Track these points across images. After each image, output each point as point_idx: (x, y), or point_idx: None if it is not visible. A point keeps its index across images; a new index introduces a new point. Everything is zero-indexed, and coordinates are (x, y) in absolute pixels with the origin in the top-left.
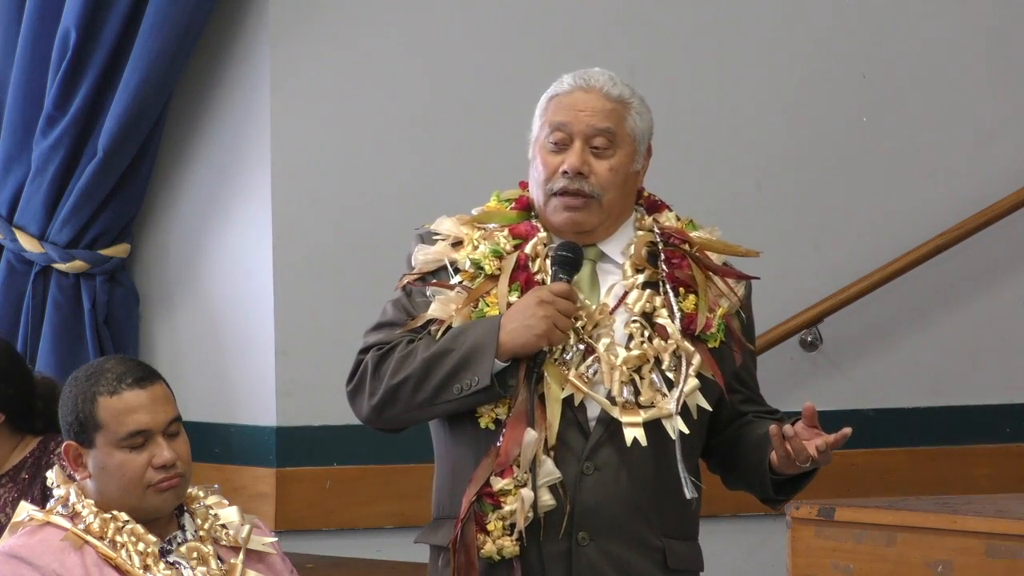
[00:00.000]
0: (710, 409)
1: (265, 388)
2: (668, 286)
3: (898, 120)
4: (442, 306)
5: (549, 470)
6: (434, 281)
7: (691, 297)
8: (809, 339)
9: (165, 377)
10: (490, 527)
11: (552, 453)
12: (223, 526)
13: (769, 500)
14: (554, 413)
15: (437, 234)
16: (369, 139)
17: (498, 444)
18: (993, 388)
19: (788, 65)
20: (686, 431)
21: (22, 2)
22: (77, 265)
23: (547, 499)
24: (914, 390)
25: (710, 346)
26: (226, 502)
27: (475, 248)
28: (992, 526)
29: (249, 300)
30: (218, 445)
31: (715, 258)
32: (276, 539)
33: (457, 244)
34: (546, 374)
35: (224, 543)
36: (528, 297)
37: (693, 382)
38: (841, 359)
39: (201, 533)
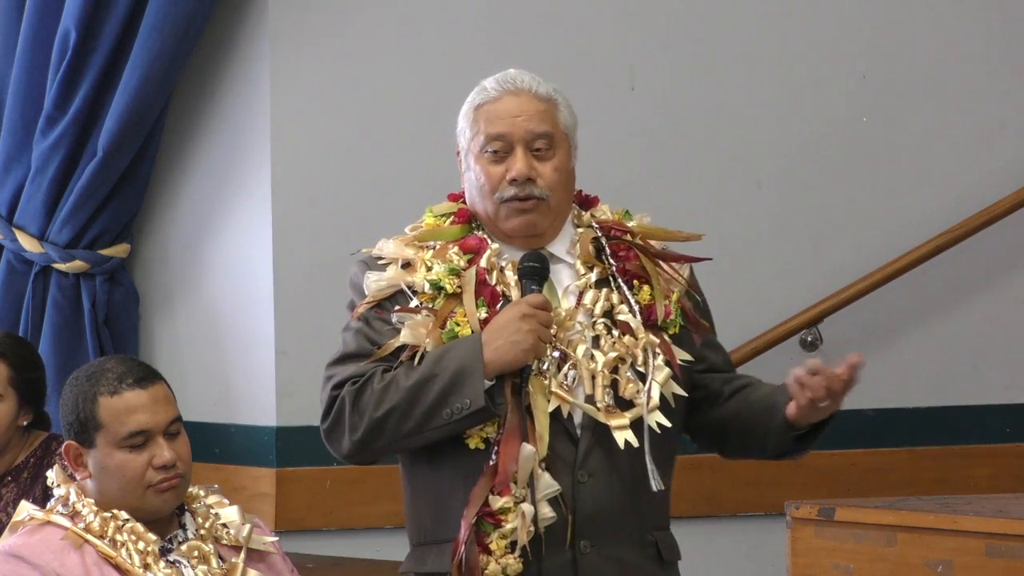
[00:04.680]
0: (685, 395)
1: (265, 388)
2: (620, 280)
3: (898, 120)
4: (412, 331)
5: (547, 483)
6: (397, 308)
7: (645, 288)
8: (809, 339)
9: (165, 377)
10: (492, 546)
11: (543, 465)
12: (224, 525)
13: (786, 454)
14: (543, 425)
15: (381, 258)
16: (369, 139)
17: (491, 463)
18: (993, 388)
19: (789, 65)
20: (668, 424)
21: (22, 2)
22: (77, 265)
23: (547, 512)
24: (914, 390)
25: (670, 332)
26: (227, 501)
27: (429, 269)
28: (992, 526)
29: (249, 300)
30: (218, 445)
31: (656, 244)
32: (277, 539)
33: (406, 266)
34: (530, 387)
35: (225, 542)
36: (508, 312)
37: (665, 372)
38: (841, 359)
39: (202, 532)
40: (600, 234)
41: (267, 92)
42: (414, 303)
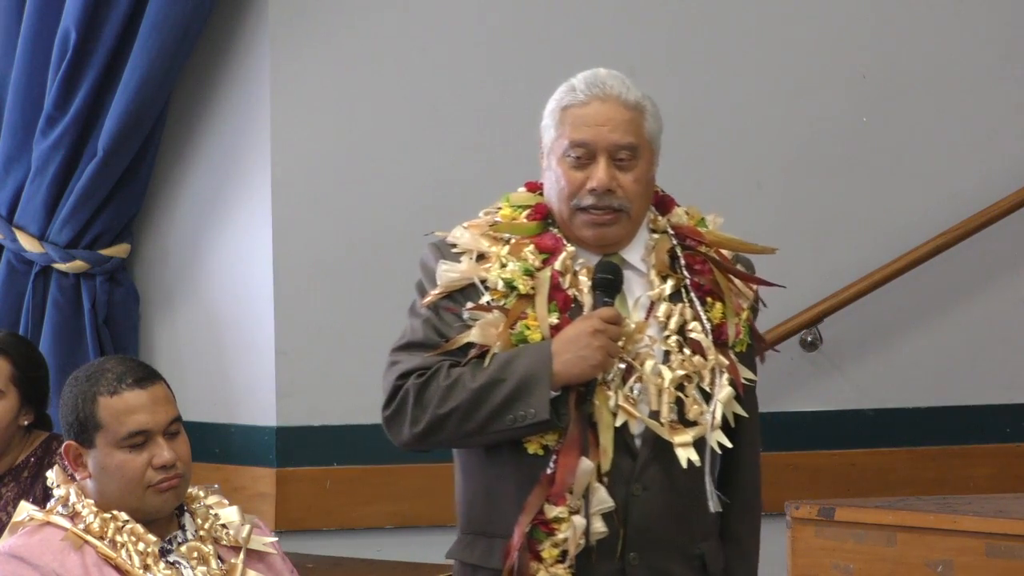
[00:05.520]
0: (746, 415)
1: (265, 388)
2: (693, 295)
3: (898, 120)
4: (483, 331)
5: (602, 498)
6: (470, 305)
7: (718, 306)
8: (809, 339)
9: (165, 377)
10: (544, 555)
11: (605, 479)
12: (223, 526)
13: None
14: (608, 439)
15: (454, 246)
16: (369, 139)
17: (549, 471)
18: (993, 388)
19: (789, 65)
20: (729, 445)
21: (22, 2)
22: (77, 265)
23: (599, 526)
24: (914, 390)
25: (737, 351)
26: (226, 502)
27: (503, 266)
28: (992, 526)
29: (249, 300)
30: (218, 445)
31: (727, 254)
32: (276, 539)
33: (480, 258)
34: (595, 400)
35: (224, 543)
36: (579, 325)
37: (727, 390)
38: (841, 359)
39: (201, 533)
40: (676, 242)
41: (267, 92)
42: (485, 299)
